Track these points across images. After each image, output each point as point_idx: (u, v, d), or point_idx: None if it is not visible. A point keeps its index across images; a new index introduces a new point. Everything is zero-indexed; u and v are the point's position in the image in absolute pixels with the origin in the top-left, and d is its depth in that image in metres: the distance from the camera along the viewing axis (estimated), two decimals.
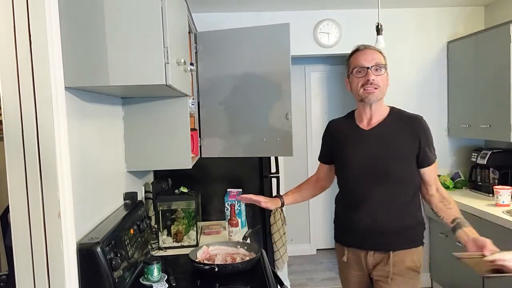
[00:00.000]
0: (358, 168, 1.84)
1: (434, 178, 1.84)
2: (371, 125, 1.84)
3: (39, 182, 1.24)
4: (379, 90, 1.78)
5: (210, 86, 2.63)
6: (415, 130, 1.79)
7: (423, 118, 1.84)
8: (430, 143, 1.81)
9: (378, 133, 1.82)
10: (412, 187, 1.83)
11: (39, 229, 1.25)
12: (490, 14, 3.70)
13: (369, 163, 1.80)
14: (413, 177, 1.82)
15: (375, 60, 1.77)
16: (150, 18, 1.33)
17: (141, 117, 2.02)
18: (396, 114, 1.86)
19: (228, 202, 2.45)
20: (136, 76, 1.36)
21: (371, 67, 1.75)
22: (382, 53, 1.84)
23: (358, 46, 1.84)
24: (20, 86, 1.22)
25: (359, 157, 1.84)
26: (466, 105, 3.55)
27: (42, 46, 1.21)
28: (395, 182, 1.78)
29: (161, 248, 2.13)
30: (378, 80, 1.76)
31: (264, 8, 3.57)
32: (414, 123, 1.81)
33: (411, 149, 1.78)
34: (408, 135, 1.78)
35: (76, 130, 1.43)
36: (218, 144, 2.63)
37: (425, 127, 1.80)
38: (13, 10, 1.20)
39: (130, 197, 1.97)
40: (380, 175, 1.78)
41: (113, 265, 1.41)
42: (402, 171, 1.78)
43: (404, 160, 1.78)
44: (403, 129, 1.80)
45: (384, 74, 1.80)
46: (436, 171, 1.85)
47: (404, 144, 1.78)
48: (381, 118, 1.83)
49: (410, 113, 1.86)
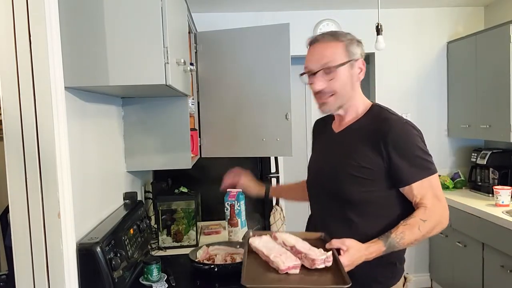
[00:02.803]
0: (313, 180, 1.57)
1: (422, 198, 1.34)
2: (342, 126, 1.49)
3: (39, 182, 1.24)
4: (335, 97, 1.40)
5: (210, 86, 2.63)
6: (382, 139, 1.33)
7: (402, 119, 1.39)
8: (409, 154, 1.33)
9: (343, 138, 1.46)
10: (385, 213, 1.38)
11: (38, 229, 1.25)
12: (490, 14, 3.69)
13: (324, 176, 1.48)
14: (382, 200, 1.39)
15: (324, 60, 1.38)
16: (150, 18, 1.33)
17: (141, 117, 2.02)
18: (374, 114, 1.43)
19: (228, 202, 2.45)
20: (136, 76, 1.36)
21: (316, 72, 1.39)
22: (344, 41, 1.39)
23: (310, 38, 1.45)
24: (20, 86, 1.22)
25: (316, 166, 1.56)
26: (466, 105, 3.55)
27: (42, 46, 1.21)
28: (351, 205, 1.39)
29: (160, 248, 2.13)
30: (332, 86, 1.38)
31: (264, 8, 3.57)
32: (381, 128, 1.35)
33: (375, 163, 1.35)
34: (372, 144, 1.35)
35: (76, 130, 1.43)
36: (218, 144, 2.63)
37: (398, 132, 1.34)
38: (13, 10, 1.20)
39: (130, 197, 1.97)
40: (331, 194, 1.44)
41: (112, 265, 1.41)
42: (360, 192, 1.37)
43: (364, 177, 1.36)
44: (370, 136, 1.37)
45: (341, 74, 1.38)
46: (429, 189, 1.34)
47: (367, 158, 1.36)
48: (354, 117, 1.46)
49: (387, 114, 1.42)
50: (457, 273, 3.32)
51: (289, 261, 1.22)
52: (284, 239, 1.35)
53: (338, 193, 1.41)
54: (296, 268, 1.21)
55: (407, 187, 1.35)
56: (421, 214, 1.32)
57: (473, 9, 3.77)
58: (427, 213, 1.32)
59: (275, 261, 1.22)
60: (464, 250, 3.16)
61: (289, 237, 1.35)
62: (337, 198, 1.42)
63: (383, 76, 3.73)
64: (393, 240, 1.28)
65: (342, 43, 1.40)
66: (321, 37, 1.42)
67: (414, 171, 1.34)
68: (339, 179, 1.41)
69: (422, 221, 1.31)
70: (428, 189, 1.34)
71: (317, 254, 1.22)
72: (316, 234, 1.42)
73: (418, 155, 1.35)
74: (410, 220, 1.31)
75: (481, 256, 2.95)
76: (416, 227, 1.30)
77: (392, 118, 1.39)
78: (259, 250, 1.32)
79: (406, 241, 1.29)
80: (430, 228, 1.32)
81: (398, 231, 1.30)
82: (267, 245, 1.34)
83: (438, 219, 1.34)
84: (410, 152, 1.34)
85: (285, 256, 1.24)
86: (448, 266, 3.45)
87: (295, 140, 2.62)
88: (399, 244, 1.29)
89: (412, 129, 1.38)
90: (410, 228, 1.30)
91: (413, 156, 1.34)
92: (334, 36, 1.42)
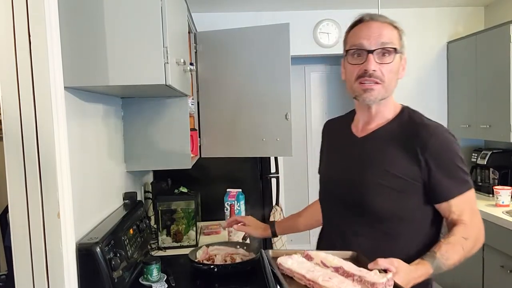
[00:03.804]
0: (330, 192, 1.38)
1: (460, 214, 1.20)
2: (366, 131, 1.31)
3: (39, 182, 1.24)
4: (382, 87, 1.21)
5: (210, 86, 2.63)
6: (421, 146, 1.19)
7: (443, 127, 1.24)
8: (451, 166, 1.20)
9: (369, 144, 1.29)
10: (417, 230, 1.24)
11: (38, 229, 1.24)
12: (490, 14, 3.69)
13: (346, 186, 1.30)
14: (420, 221, 1.24)
15: (382, 38, 1.20)
16: (150, 18, 1.33)
17: (141, 117, 2.02)
18: (405, 119, 1.28)
19: (227, 202, 2.45)
20: (135, 76, 1.35)
21: (374, 50, 1.19)
22: (398, 28, 1.25)
23: (361, 15, 1.27)
24: (20, 86, 1.21)
25: (334, 176, 1.36)
26: (466, 105, 3.55)
27: (42, 46, 1.21)
28: (381, 221, 1.23)
29: (160, 248, 2.13)
30: (384, 72, 1.20)
31: (264, 8, 3.57)
32: (420, 134, 1.20)
33: (411, 173, 1.20)
34: (407, 153, 1.20)
35: (75, 129, 1.43)
36: (217, 144, 2.63)
37: (440, 141, 1.20)
38: (13, 10, 1.20)
39: (130, 197, 1.97)
40: (355, 207, 1.26)
41: (112, 265, 1.40)
42: (391, 206, 1.21)
43: (397, 189, 1.20)
44: (405, 143, 1.22)
45: (395, 61, 1.22)
46: (468, 204, 1.22)
47: (400, 166, 1.21)
48: (382, 122, 1.29)
49: (423, 119, 1.27)
50: (457, 273, 3.32)
51: (346, 286, 1.01)
52: (323, 259, 1.14)
53: (365, 206, 1.24)
54: None
55: (445, 203, 1.21)
56: (462, 232, 1.18)
57: (473, 9, 3.77)
58: (468, 231, 1.18)
59: (328, 287, 1.01)
60: None
61: (329, 256, 1.14)
62: (363, 212, 1.25)
63: None
64: (439, 261, 1.13)
65: (397, 31, 1.25)
66: (378, 16, 1.26)
67: (454, 184, 1.20)
68: (367, 190, 1.23)
69: (464, 239, 1.17)
70: (466, 205, 1.22)
71: (375, 276, 1.02)
72: (347, 253, 1.20)
73: (459, 166, 1.21)
74: (452, 238, 1.17)
75: (481, 256, 2.94)
76: (459, 245, 1.16)
77: (432, 124, 1.24)
78: (297, 273, 1.09)
79: (451, 262, 1.15)
80: (471, 246, 1.19)
81: (442, 250, 1.15)
82: (303, 266, 1.12)
83: (477, 236, 1.21)
84: (451, 163, 1.20)
85: (338, 280, 1.04)
86: None
87: (295, 140, 2.62)
88: (445, 265, 1.14)
89: (453, 138, 1.24)
90: (453, 247, 1.16)
91: (454, 167, 1.20)
92: (389, 20, 1.26)
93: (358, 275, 1.04)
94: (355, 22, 1.28)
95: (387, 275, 1.01)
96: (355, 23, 1.28)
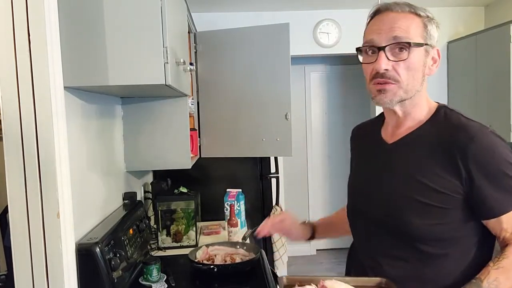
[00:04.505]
0: (357, 207, 1.22)
1: None
2: (397, 135, 1.14)
3: (38, 182, 1.24)
4: (398, 87, 1.04)
5: (210, 86, 2.63)
6: (461, 153, 1.00)
7: (486, 128, 1.05)
8: (500, 175, 1.00)
9: (400, 152, 1.11)
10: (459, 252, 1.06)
11: (38, 229, 1.24)
12: (490, 14, 3.69)
13: (375, 201, 1.13)
14: (465, 241, 1.06)
15: (395, 32, 1.03)
16: (150, 18, 1.33)
17: (141, 117, 2.01)
18: (443, 119, 1.08)
19: (227, 202, 2.44)
20: (135, 76, 1.35)
21: (385, 46, 1.03)
22: (422, 16, 1.06)
23: (379, 5, 1.10)
24: (19, 86, 1.21)
25: (363, 189, 1.20)
26: (466, 105, 3.55)
27: (41, 46, 1.21)
28: (416, 243, 1.05)
29: (160, 248, 2.13)
30: (399, 70, 1.03)
31: (264, 8, 3.57)
32: (459, 137, 1.01)
33: (450, 186, 1.01)
34: (445, 162, 1.02)
35: (75, 130, 1.43)
36: (217, 144, 2.63)
37: (484, 145, 1.01)
38: (12, 9, 1.20)
39: (130, 197, 1.96)
40: (386, 226, 1.10)
41: (112, 265, 1.40)
42: (429, 225, 1.03)
43: (435, 205, 1.02)
44: (441, 149, 1.03)
45: (414, 57, 1.04)
46: None
47: (437, 178, 1.02)
48: (413, 125, 1.11)
49: (463, 119, 1.06)
50: None
51: None
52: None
53: (398, 226, 1.07)
54: None
55: (494, 219, 1.01)
56: None
57: (473, 9, 3.77)
58: None
59: None
60: None
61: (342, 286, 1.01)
62: (395, 232, 1.08)
63: None
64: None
65: (421, 19, 1.06)
66: (395, 5, 1.06)
67: (504, 197, 1.00)
68: (400, 207, 1.06)
69: None
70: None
71: None
72: (374, 280, 1.05)
73: (509, 175, 1.00)
74: (504, 262, 0.99)
75: None
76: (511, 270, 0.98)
77: (473, 125, 1.04)
78: None
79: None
80: None
81: (491, 277, 0.97)
82: None
83: None
84: (499, 172, 1.00)
85: None
86: None
87: (295, 140, 2.62)
88: None
89: (500, 140, 1.05)
90: (505, 272, 0.98)
91: (503, 176, 1.00)
92: (411, 7, 1.06)
93: None
94: (372, 13, 1.12)
95: None
96: (372, 14, 1.12)
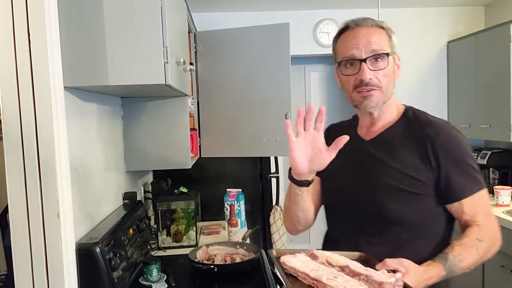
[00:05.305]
0: (342, 201, 1.30)
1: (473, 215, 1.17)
2: (373, 133, 1.28)
3: (38, 182, 1.24)
4: (380, 92, 1.19)
5: (210, 86, 2.63)
6: (430, 144, 1.16)
7: (450, 124, 1.22)
8: (462, 164, 1.16)
9: (378, 147, 1.25)
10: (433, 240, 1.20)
11: (38, 229, 1.24)
12: (490, 14, 3.69)
13: (360, 194, 1.24)
14: (433, 223, 1.20)
15: (372, 46, 1.17)
16: (150, 18, 1.33)
17: (141, 117, 2.02)
18: (412, 117, 1.26)
19: (227, 202, 2.44)
20: (135, 75, 1.35)
21: (366, 59, 1.17)
22: (386, 29, 1.22)
23: (347, 22, 1.23)
24: (19, 86, 1.21)
25: (346, 184, 1.29)
26: (466, 105, 3.55)
27: (41, 46, 1.21)
28: (397, 227, 1.18)
29: (160, 248, 2.13)
30: (379, 77, 1.18)
31: (264, 8, 3.57)
32: (429, 133, 1.18)
33: (425, 174, 1.16)
34: (418, 153, 1.17)
35: (75, 130, 1.43)
36: (217, 144, 2.63)
37: (450, 138, 1.17)
38: (12, 9, 1.20)
39: (130, 197, 1.96)
40: (371, 214, 1.21)
41: (112, 265, 1.40)
42: (409, 210, 1.17)
43: (414, 192, 1.16)
44: (413, 143, 1.19)
45: (389, 66, 1.19)
46: (481, 205, 1.19)
47: (412, 166, 1.17)
48: (387, 123, 1.27)
49: (430, 117, 1.25)
50: None
51: (351, 285, 0.96)
52: (329, 257, 1.10)
53: (382, 211, 1.19)
54: None
55: (456, 203, 1.17)
56: (476, 233, 1.14)
57: (473, 9, 3.76)
58: (482, 232, 1.15)
59: (332, 286, 0.96)
60: None
61: (334, 255, 1.11)
62: (379, 218, 1.20)
63: None
64: (452, 263, 1.09)
65: (385, 31, 1.21)
66: (363, 21, 1.21)
67: (466, 183, 1.16)
68: (382, 195, 1.19)
69: (478, 241, 1.13)
70: (480, 205, 1.18)
71: (382, 276, 0.98)
72: (354, 254, 1.15)
73: (470, 164, 1.17)
74: (465, 240, 1.13)
75: None
76: (473, 247, 1.12)
77: (439, 121, 1.22)
78: (302, 272, 1.05)
79: (464, 264, 1.11)
80: (486, 249, 1.15)
81: (455, 252, 1.11)
82: (307, 265, 1.08)
83: (492, 240, 1.17)
84: (462, 160, 1.16)
85: (343, 279, 0.99)
86: None
87: None
88: (458, 268, 1.10)
89: (461, 134, 1.21)
90: (467, 249, 1.11)
91: (465, 165, 1.16)
92: (376, 22, 1.22)
93: (365, 275, 1.00)
94: (341, 29, 1.25)
95: (396, 275, 0.98)
96: (341, 30, 1.25)
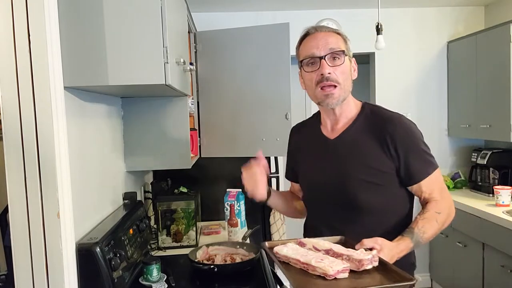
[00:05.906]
0: (317, 195, 1.46)
1: (430, 192, 1.35)
2: (337, 131, 1.42)
3: (38, 182, 1.24)
4: (340, 89, 1.33)
5: (210, 86, 2.63)
6: (389, 137, 1.32)
7: (403, 116, 1.39)
8: (417, 151, 1.34)
9: (343, 144, 1.40)
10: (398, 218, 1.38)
11: (38, 229, 1.24)
12: (490, 14, 3.69)
13: (330, 187, 1.39)
14: (397, 205, 1.39)
15: (329, 45, 1.33)
16: (150, 18, 1.33)
17: (141, 117, 2.02)
18: (370, 114, 1.41)
19: (227, 202, 2.44)
20: (135, 75, 1.35)
21: (324, 56, 1.32)
22: (341, 34, 1.39)
23: (307, 29, 1.40)
24: (20, 86, 1.21)
25: (318, 178, 1.44)
26: (466, 105, 3.55)
27: (41, 46, 1.21)
28: (368, 214, 1.35)
29: (160, 248, 2.13)
30: (337, 74, 1.32)
31: (264, 8, 3.57)
32: (387, 127, 1.33)
33: (387, 165, 1.33)
34: (379, 146, 1.33)
35: (75, 129, 1.43)
36: (217, 144, 2.63)
37: (405, 130, 1.34)
38: (12, 9, 1.20)
39: (130, 197, 1.96)
40: (346, 205, 1.36)
41: (112, 265, 1.40)
42: (376, 199, 1.34)
43: (378, 182, 1.33)
44: (375, 137, 1.35)
45: (346, 63, 1.35)
46: (436, 183, 1.37)
47: (376, 159, 1.33)
48: (348, 120, 1.41)
49: (386, 112, 1.40)
50: (457, 273, 3.32)
51: (336, 265, 1.09)
52: (315, 243, 1.24)
53: (353, 203, 1.35)
54: (345, 272, 1.09)
55: (416, 185, 1.35)
56: (435, 207, 1.33)
57: (473, 9, 3.76)
58: (439, 206, 1.33)
59: (320, 267, 1.09)
60: (464, 250, 3.16)
61: (320, 241, 1.25)
62: (352, 209, 1.36)
63: (383, 76, 3.72)
64: (417, 235, 1.26)
65: (341, 37, 1.39)
66: (321, 27, 1.39)
67: (422, 167, 1.34)
68: (353, 188, 1.34)
69: (437, 214, 1.32)
70: (435, 184, 1.36)
71: (361, 254, 1.13)
72: (336, 238, 1.31)
73: (424, 150, 1.36)
74: (426, 214, 1.31)
75: (481, 256, 2.94)
76: (433, 220, 1.30)
77: (394, 114, 1.39)
78: (293, 258, 1.18)
79: (428, 235, 1.28)
80: (444, 219, 1.33)
81: (419, 225, 1.28)
82: (297, 252, 1.21)
83: (448, 211, 1.36)
84: (417, 148, 1.34)
85: (329, 260, 1.12)
86: (449, 266, 3.44)
87: None
88: (423, 239, 1.27)
89: (414, 125, 1.39)
90: (428, 221, 1.30)
91: (420, 151, 1.35)
92: (333, 29, 1.41)
93: (346, 255, 1.15)
94: (302, 36, 1.40)
95: (372, 252, 1.14)
96: (303, 37, 1.40)
